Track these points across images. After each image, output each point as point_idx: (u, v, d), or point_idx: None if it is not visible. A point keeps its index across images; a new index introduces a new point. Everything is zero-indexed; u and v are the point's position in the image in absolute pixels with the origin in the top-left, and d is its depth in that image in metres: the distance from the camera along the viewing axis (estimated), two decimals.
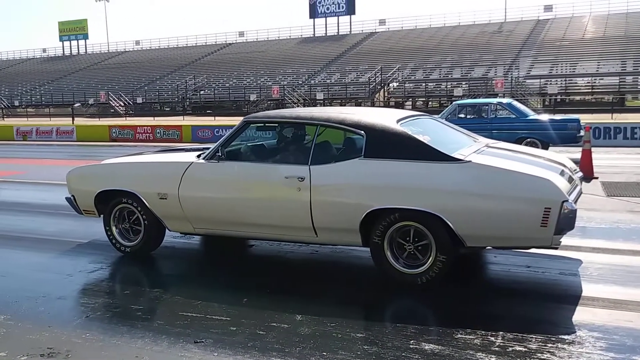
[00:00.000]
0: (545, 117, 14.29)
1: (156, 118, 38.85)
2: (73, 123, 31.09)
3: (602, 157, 12.62)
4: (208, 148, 5.45)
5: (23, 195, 10.38)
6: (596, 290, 4.38)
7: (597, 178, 9.81)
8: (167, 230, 5.58)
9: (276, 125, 5.67)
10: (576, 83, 38.25)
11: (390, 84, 43.96)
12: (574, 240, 5.58)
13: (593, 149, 10.56)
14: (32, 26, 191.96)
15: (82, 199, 5.86)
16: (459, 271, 4.96)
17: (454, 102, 15.86)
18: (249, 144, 5.69)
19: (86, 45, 77.02)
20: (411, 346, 3.50)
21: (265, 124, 5.82)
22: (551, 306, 4.18)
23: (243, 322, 3.92)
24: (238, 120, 5.46)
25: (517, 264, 5.06)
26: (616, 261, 5.13)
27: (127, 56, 69.62)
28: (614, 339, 3.53)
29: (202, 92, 50.42)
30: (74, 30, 76.07)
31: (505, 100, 15.29)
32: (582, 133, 11.85)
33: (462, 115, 14.44)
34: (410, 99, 42.12)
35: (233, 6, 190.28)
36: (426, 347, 3.48)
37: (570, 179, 4.72)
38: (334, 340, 3.61)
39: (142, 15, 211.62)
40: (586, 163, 10.07)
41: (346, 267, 5.33)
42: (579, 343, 3.49)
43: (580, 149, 10.82)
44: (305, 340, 3.62)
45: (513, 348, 3.43)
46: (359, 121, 4.84)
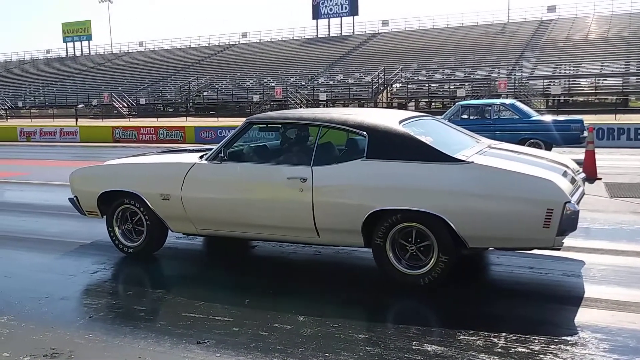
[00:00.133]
0: (548, 118, 14.28)
1: (159, 119, 38.93)
2: (76, 124, 31.15)
3: (606, 158, 12.59)
4: (211, 149, 5.45)
5: (26, 196, 10.42)
6: (599, 291, 4.37)
7: (601, 179, 9.79)
8: (170, 231, 5.59)
9: (279, 126, 5.68)
10: (579, 84, 38.21)
11: (393, 85, 43.96)
12: (577, 241, 5.57)
13: (596, 150, 10.53)
14: (36, 27, 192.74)
15: (85, 200, 5.87)
16: (462, 272, 4.95)
17: (457, 103, 15.86)
18: (252, 145, 5.69)
19: (90, 46, 77.40)
20: (414, 347, 3.49)
21: (267, 125, 5.82)
22: (554, 307, 4.17)
23: (245, 323, 3.92)
24: (241, 121, 5.47)
25: (520, 265, 5.05)
26: (619, 262, 5.12)
27: (131, 57, 69.79)
28: (617, 341, 3.52)
29: (205, 93, 50.51)
30: (78, 31, 76.33)
31: (508, 101, 15.27)
32: (586, 134, 11.84)
33: (465, 116, 14.42)
34: (413, 100, 42.13)
35: (236, 7, 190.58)
36: (429, 348, 3.47)
37: (572, 180, 4.71)
38: (337, 341, 3.61)
39: (146, 16, 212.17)
40: (589, 164, 10.05)
41: (349, 268, 5.33)
42: (582, 344, 3.48)
43: (583, 150, 10.79)
44: (307, 341, 3.62)
45: (516, 349, 3.42)
46: (362, 122, 4.83)
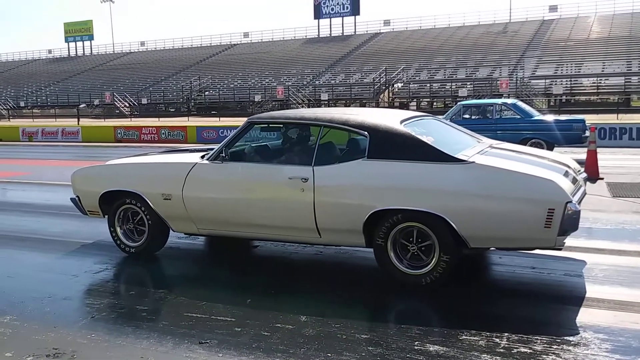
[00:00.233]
0: (550, 118, 14.26)
1: (161, 119, 38.97)
2: (78, 124, 31.18)
3: (608, 158, 12.58)
4: (212, 149, 5.45)
5: (28, 195, 10.43)
6: (602, 291, 4.36)
7: (603, 179, 9.78)
8: (171, 230, 5.59)
9: (280, 126, 5.68)
10: (581, 83, 38.17)
11: (394, 85, 43.95)
12: (580, 241, 5.56)
13: (598, 150, 10.52)
14: (38, 27, 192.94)
15: (87, 200, 5.88)
16: (464, 272, 4.95)
17: (459, 103, 15.85)
18: (253, 145, 5.69)
19: (91, 46, 77.47)
20: (416, 347, 3.49)
21: (269, 125, 5.82)
22: (556, 307, 4.17)
23: (248, 323, 3.92)
24: (242, 121, 5.48)
25: (522, 265, 5.05)
26: (622, 262, 5.12)
27: (132, 57, 69.85)
28: (620, 341, 3.52)
29: (207, 93, 50.53)
30: (80, 31, 76.42)
31: (510, 100, 15.26)
32: (588, 134, 11.83)
33: (467, 115, 14.41)
34: (414, 100, 42.12)
35: (237, 7, 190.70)
36: (431, 349, 3.47)
37: (574, 180, 4.70)
38: (339, 341, 3.61)
39: (147, 16, 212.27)
40: (591, 164, 10.04)
41: (350, 268, 5.33)
42: (585, 345, 3.48)
43: (585, 150, 10.78)
44: (309, 341, 3.62)
45: (518, 349, 3.42)
46: (363, 122, 4.83)
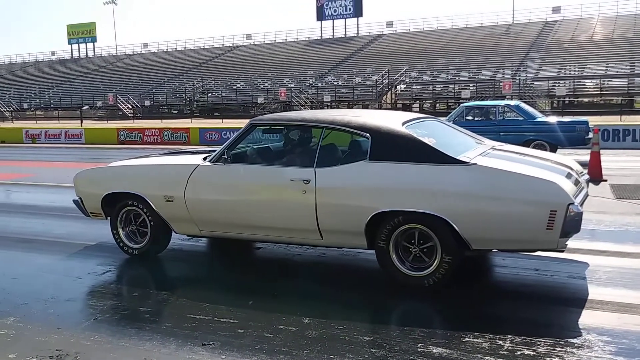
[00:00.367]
0: (553, 119, 14.24)
1: (164, 121, 39.05)
2: (81, 126, 31.26)
3: (611, 160, 12.55)
4: (214, 150, 5.46)
5: (32, 197, 10.46)
6: (605, 293, 4.35)
7: (606, 180, 9.76)
8: (174, 232, 5.60)
9: (282, 127, 5.69)
10: (584, 85, 38.11)
11: (397, 86, 43.95)
12: (583, 243, 5.55)
13: (602, 151, 10.50)
14: (41, 29, 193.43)
15: (90, 202, 5.89)
16: (467, 274, 4.95)
17: (462, 104, 15.83)
18: (255, 147, 5.70)
19: (94, 48, 77.69)
20: (419, 349, 3.49)
21: (271, 127, 5.83)
22: (560, 309, 4.16)
23: (250, 325, 3.92)
24: (245, 122, 5.48)
25: (526, 267, 5.04)
26: (625, 264, 5.10)
27: (135, 59, 69.99)
28: (623, 343, 3.51)
29: (210, 95, 50.59)
30: (83, 33, 76.61)
31: (513, 102, 15.25)
32: (591, 135, 11.81)
33: (470, 117, 14.40)
34: (417, 101, 42.11)
35: (240, 9, 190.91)
36: (434, 351, 3.47)
37: (576, 182, 4.69)
38: (341, 343, 3.61)
39: (150, 18, 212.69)
40: (595, 165, 10.02)
41: (353, 270, 5.33)
42: (588, 347, 3.47)
43: (588, 151, 10.77)
44: (312, 343, 3.62)
45: (521, 352, 3.41)
46: (364, 124, 4.83)
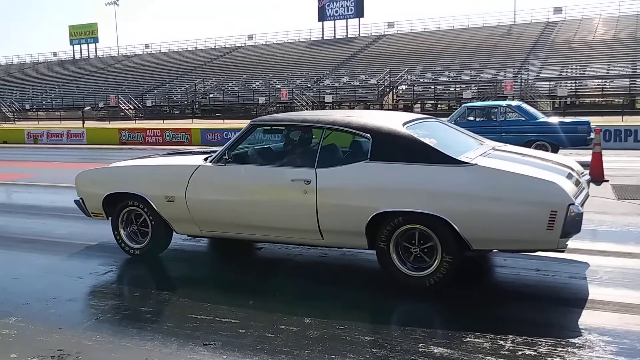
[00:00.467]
0: (555, 120, 14.22)
1: (165, 121, 39.07)
2: (83, 126, 31.29)
3: (613, 160, 12.54)
4: (215, 151, 5.47)
5: (34, 197, 10.47)
6: (607, 293, 4.35)
7: (608, 181, 9.75)
8: (175, 232, 5.60)
9: (283, 128, 5.69)
10: (586, 85, 38.07)
11: (399, 87, 43.94)
12: (585, 243, 5.55)
13: (603, 152, 10.49)
14: (43, 30, 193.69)
15: (91, 202, 5.90)
16: (468, 275, 4.95)
17: (463, 105, 15.83)
18: (256, 147, 5.71)
19: (96, 48, 77.79)
20: (420, 349, 3.49)
21: (272, 127, 5.84)
22: (561, 310, 4.16)
23: (252, 325, 3.93)
24: (247, 123, 5.48)
25: (527, 267, 5.04)
26: (627, 264, 5.10)
27: (137, 59, 70.07)
28: (625, 343, 3.51)
29: (211, 95, 50.63)
30: (84, 34, 76.74)
31: (514, 102, 15.23)
32: (593, 136, 11.79)
33: (471, 117, 14.39)
34: (419, 102, 42.10)
35: (241, 10, 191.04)
36: (435, 351, 3.47)
37: (577, 182, 4.69)
38: (343, 343, 3.61)
39: (152, 19, 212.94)
40: (597, 166, 10.02)
41: (355, 270, 5.33)
42: (589, 347, 3.47)
43: (590, 152, 10.76)
44: (313, 343, 3.62)
45: (523, 352, 3.41)
46: (365, 124, 4.83)
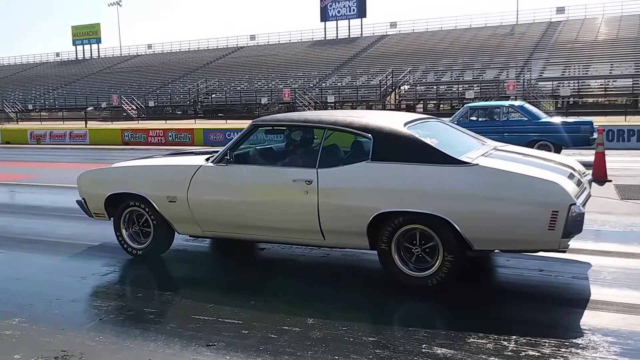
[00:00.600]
0: (557, 120, 14.19)
1: (168, 121, 39.12)
2: (86, 127, 31.33)
3: (616, 160, 12.53)
4: (217, 151, 5.47)
5: (37, 198, 10.49)
6: (610, 294, 4.34)
7: (611, 181, 9.73)
8: (177, 233, 5.61)
9: (284, 128, 5.69)
10: (589, 85, 38.02)
11: (401, 87, 43.92)
12: (588, 243, 5.54)
13: (606, 152, 10.48)
14: (46, 31, 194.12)
15: (93, 202, 5.91)
16: (471, 275, 4.94)
17: (466, 105, 15.80)
18: (258, 147, 5.71)
19: (99, 49, 77.94)
20: (423, 350, 3.49)
21: (273, 127, 5.85)
22: (564, 310, 4.15)
23: (255, 326, 3.93)
24: (249, 123, 5.49)
25: (530, 268, 5.03)
26: (630, 265, 5.08)
27: (139, 60, 70.15)
28: (628, 344, 3.50)
29: (214, 96, 50.67)
30: (87, 34, 76.88)
31: (517, 102, 15.21)
32: (595, 136, 11.78)
33: (474, 117, 14.37)
34: (421, 102, 42.08)
35: (244, 10, 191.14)
36: (438, 351, 3.46)
37: (578, 182, 4.68)
38: (346, 343, 3.61)
39: (154, 19, 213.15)
40: (599, 166, 10.00)
41: (357, 271, 5.33)
42: (593, 348, 3.46)
43: (593, 152, 10.74)
44: (316, 343, 3.62)
45: (526, 352, 3.40)
46: (367, 124, 4.83)
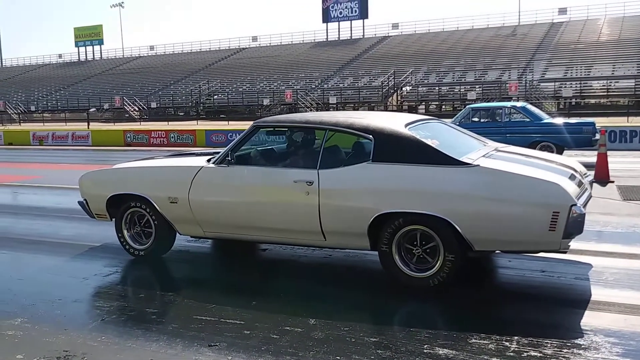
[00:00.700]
0: (559, 121, 14.17)
1: (170, 123, 39.09)
2: (88, 128, 31.36)
3: (618, 161, 12.51)
4: (218, 152, 5.48)
5: (39, 199, 10.51)
6: (612, 295, 4.34)
7: (613, 182, 9.71)
8: (178, 234, 5.61)
9: (285, 129, 5.70)
10: (591, 86, 37.94)
11: (403, 88, 43.89)
12: (590, 244, 5.53)
13: (609, 153, 10.47)
14: (48, 32, 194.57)
15: (94, 203, 5.92)
16: (473, 276, 4.94)
17: (468, 106, 15.80)
18: (259, 148, 5.72)
19: (101, 50, 77.97)
20: (425, 351, 3.49)
21: (274, 129, 5.86)
22: (566, 311, 4.15)
23: (257, 326, 3.93)
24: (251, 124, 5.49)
25: (532, 269, 5.03)
26: (632, 266, 5.08)
27: (142, 61, 70.22)
28: (631, 345, 3.50)
29: (216, 97, 50.68)
30: (90, 36, 76.95)
31: (519, 103, 15.20)
32: (598, 136, 11.76)
33: (476, 119, 14.36)
34: (423, 103, 42.04)
35: (246, 11, 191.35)
36: (440, 352, 3.46)
37: (579, 183, 4.69)
38: (348, 344, 3.61)
39: (157, 21, 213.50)
40: (602, 167, 9.98)
41: (360, 271, 5.33)
42: (595, 349, 3.46)
43: (595, 153, 10.73)
44: (318, 344, 3.63)
45: (528, 353, 3.40)
46: (368, 125, 4.84)
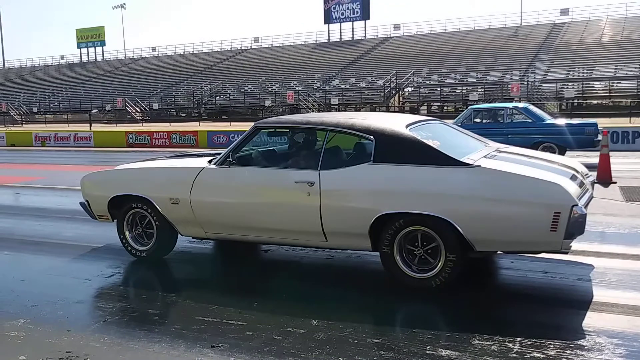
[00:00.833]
0: (562, 122, 14.16)
1: (172, 124, 39.13)
2: (90, 129, 31.43)
3: (621, 162, 12.50)
4: (219, 153, 5.49)
5: (42, 200, 10.52)
6: (615, 296, 4.33)
7: (616, 183, 9.70)
8: (180, 235, 5.62)
9: (287, 130, 5.71)
10: (593, 87, 37.89)
11: (405, 89, 43.90)
12: (593, 245, 5.53)
13: (611, 154, 10.44)
14: (50, 34, 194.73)
15: (96, 204, 5.92)
16: (476, 277, 4.94)
17: (470, 107, 15.78)
18: (260, 149, 5.73)
19: (103, 52, 78.05)
20: (427, 352, 3.48)
21: (275, 129, 5.86)
22: (569, 312, 4.14)
23: (259, 327, 3.93)
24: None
25: (534, 270, 5.02)
26: (635, 267, 5.07)
27: (144, 62, 70.30)
28: (634, 346, 3.49)
29: (218, 98, 50.72)
30: (92, 37, 77.05)
31: (521, 104, 15.20)
32: (600, 137, 11.74)
33: (478, 119, 14.36)
34: (425, 104, 42.01)
35: (248, 13, 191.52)
36: (443, 353, 3.46)
37: (581, 184, 4.68)
38: (350, 345, 3.61)
39: (159, 22, 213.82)
40: (604, 168, 9.97)
41: (362, 272, 5.32)
42: (598, 350, 3.45)
43: (598, 154, 10.71)
44: (321, 345, 3.62)
45: (531, 354, 3.40)
46: (369, 126, 4.84)
